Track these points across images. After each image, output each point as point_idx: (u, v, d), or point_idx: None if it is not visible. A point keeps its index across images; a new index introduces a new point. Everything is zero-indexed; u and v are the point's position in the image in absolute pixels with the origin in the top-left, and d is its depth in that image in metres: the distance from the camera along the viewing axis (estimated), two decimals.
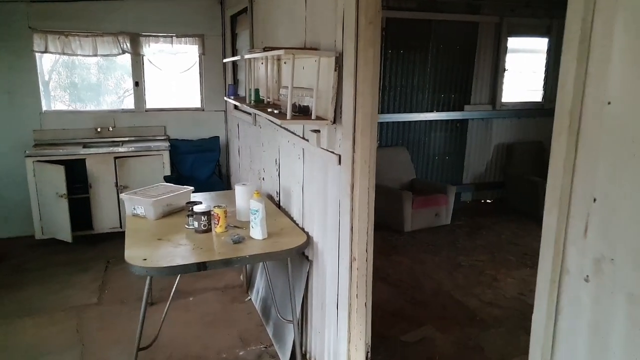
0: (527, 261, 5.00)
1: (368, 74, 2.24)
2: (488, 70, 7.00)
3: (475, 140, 7.16)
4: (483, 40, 6.86)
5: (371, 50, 2.23)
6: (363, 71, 2.23)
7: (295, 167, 3.22)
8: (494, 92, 7.07)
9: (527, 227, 6.14)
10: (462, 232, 5.95)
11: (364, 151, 2.32)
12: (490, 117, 7.14)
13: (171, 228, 3.08)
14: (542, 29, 7.15)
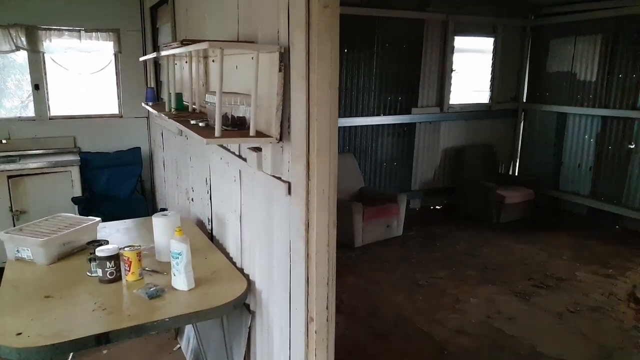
0: (488, 275, 4.63)
1: (325, 74, 1.65)
2: (435, 71, 6.66)
3: (423, 145, 6.80)
4: (430, 39, 6.50)
5: (328, 43, 1.64)
6: (318, 71, 1.64)
7: (231, 192, 2.57)
8: (441, 94, 6.74)
9: (482, 235, 5.82)
10: (415, 244, 5.53)
11: (322, 178, 1.73)
12: (438, 120, 6.81)
13: (68, 277, 2.34)
14: (488, 28, 6.91)
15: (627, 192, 5.87)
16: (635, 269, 4.71)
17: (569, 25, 6.49)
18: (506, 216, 6.27)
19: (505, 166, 7.55)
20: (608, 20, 5.97)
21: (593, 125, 6.25)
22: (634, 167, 5.78)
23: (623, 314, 3.83)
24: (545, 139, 6.96)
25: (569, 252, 5.20)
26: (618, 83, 5.90)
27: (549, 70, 6.85)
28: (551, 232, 5.91)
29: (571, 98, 6.53)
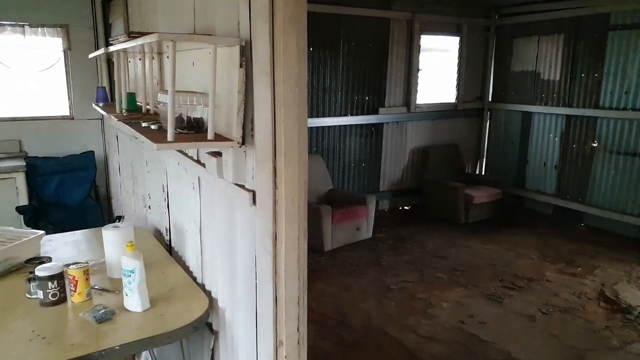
0: (458, 278, 4.56)
1: (291, 70, 1.48)
2: (402, 71, 6.58)
3: (391, 145, 6.71)
4: (396, 38, 6.42)
5: (294, 34, 1.47)
6: (284, 66, 1.46)
7: (190, 200, 2.36)
8: (408, 94, 6.67)
9: (449, 235, 5.77)
10: (385, 247, 5.42)
11: (291, 186, 1.56)
12: (405, 120, 6.74)
13: (3, 301, 2.07)
14: (453, 28, 6.89)
15: (591, 190, 5.94)
16: (602, 267, 4.74)
17: (531, 24, 6.54)
18: (474, 216, 6.25)
19: (471, 165, 7.56)
20: (569, 20, 6.04)
21: (557, 124, 6.31)
22: (598, 165, 5.86)
23: (594, 313, 3.82)
24: (511, 138, 7.00)
25: (537, 252, 5.21)
26: (580, 82, 5.97)
27: (514, 70, 6.89)
28: (518, 231, 5.92)
29: (536, 97, 6.58)
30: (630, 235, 5.56)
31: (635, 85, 5.37)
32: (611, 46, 5.59)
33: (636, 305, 3.89)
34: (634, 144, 5.44)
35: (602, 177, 5.82)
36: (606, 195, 5.78)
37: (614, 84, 5.59)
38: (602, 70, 5.70)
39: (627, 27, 5.42)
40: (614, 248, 5.26)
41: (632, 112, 5.42)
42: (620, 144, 5.58)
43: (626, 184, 5.55)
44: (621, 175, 5.60)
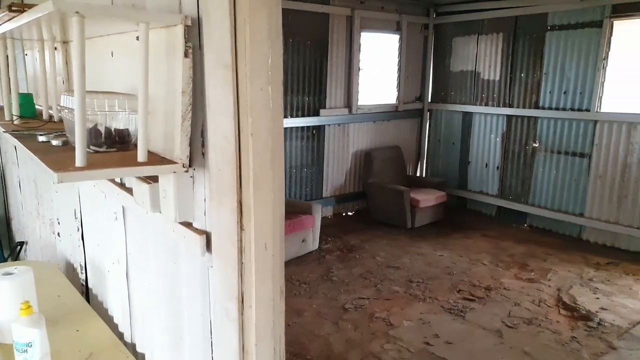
0: (415, 291, 4.27)
1: (262, 61, 1.02)
2: (342, 70, 6.24)
3: (333, 148, 6.35)
4: (336, 35, 6.06)
5: (265, 9, 1.01)
6: (252, 57, 1.00)
7: (112, 233, 1.80)
8: (349, 94, 6.34)
9: (399, 242, 5.51)
10: (333, 259, 5.04)
11: (264, 226, 1.09)
12: (347, 122, 6.41)
13: None
14: (393, 25, 6.66)
15: (534, 190, 5.94)
16: (554, 269, 4.67)
17: (470, 23, 6.46)
18: (420, 220, 6.05)
19: (412, 167, 7.40)
20: (507, 20, 6.00)
21: (498, 125, 6.27)
22: (539, 165, 5.86)
23: (557, 323, 3.67)
24: (452, 139, 6.91)
25: (488, 257, 5.06)
26: (520, 82, 5.96)
27: (453, 69, 6.79)
28: (465, 235, 5.79)
29: (476, 97, 6.51)
30: (573, 234, 5.60)
31: (574, 85, 5.40)
32: (549, 46, 5.60)
33: (595, 311, 3.79)
34: (573, 143, 5.48)
35: (543, 177, 5.83)
36: (548, 195, 5.79)
37: (553, 84, 5.61)
38: (542, 70, 5.70)
39: (564, 27, 5.44)
40: (560, 249, 5.25)
41: (571, 112, 5.45)
42: (561, 143, 5.60)
43: (567, 184, 5.59)
44: (562, 175, 5.63)
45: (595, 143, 5.25)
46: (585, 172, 5.39)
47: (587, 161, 5.36)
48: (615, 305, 3.89)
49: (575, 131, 5.43)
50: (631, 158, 4.97)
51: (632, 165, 4.97)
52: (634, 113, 4.91)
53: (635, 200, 4.99)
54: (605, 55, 5.06)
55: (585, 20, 5.21)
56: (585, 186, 5.39)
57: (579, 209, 5.48)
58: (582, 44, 5.26)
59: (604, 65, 5.08)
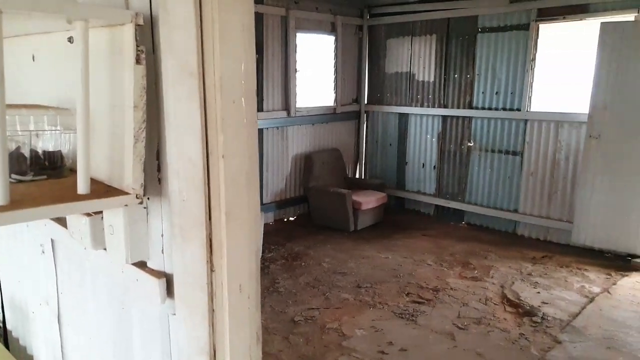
0: (364, 297, 4.19)
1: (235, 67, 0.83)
2: (279, 71, 6.06)
3: (272, 153, 6.16)
4: (270, 35, 5.88)
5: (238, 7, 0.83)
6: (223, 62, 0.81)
7: (38, 269, 1.52)
8: (287, 97, 6.18)
9: (344, 246, 5.43)
10: (278, 268, 4.86)
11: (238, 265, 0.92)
12: (286, 125, 6.24)
13: None
14: (328, 26, 6.58)
15: (470, 189, 6.11)
16: (495, 266, 4.80)
17: (404, 25, 6.53)
18: (363, 222, 6.02)
19: (352, 169, 7.38)
20: (440, 22, 6.13)
21: (434, 125, 6.38)
22: (474, 164, 6.03)
23: (505, 320, 3.74)
24: (389, 140, 6.95)
25: (431, 256, 5.12)
26: (454, 83, 6.10)
27: (388, 71, 6.84)
28: (407, 235, 5.83)
29: (411, 98, 6.59)
30: (509, 230, 5.82)
31: (505, 85, 5.61)
32: (481, 48, 5.77)
33: (537, 306, 3.91)
34: (506, 142, 5.69)
35: (479, 176, 6.01)
36: (484, 193, 5.98)
37: (485, 84, 5.79)
38: (474, 71, 5.87)
39: (494, 29, 5.63)
40: (498, 245, 5.42)
41: (503, 111, 5.66)
42: (495, 142, 5.80)
43: (501, 181, 5.80)
44: (497, 173, 5.83)
45: (527, 141, 5.48)
46: (518, 169, 5.62)
47: (520, 159, 5.59)
48: (554, 298, 4.05)
49: (508, 130, 5.64)
50: (559, 155, 5.24)
51: (560, 162, 5.24)
52: (560, 112, 5.18)
53: (564, 196, 5.26)
54: (533, 57, 5.29)
55: (513, 23, 5.42)
56: (519, 183, 5.62)
57: (514, 206, 5.71)
58: (511, 46, 5.47)
59: (532, 67, 5.31)
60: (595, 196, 4.81)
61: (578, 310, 3.80)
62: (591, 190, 4.82)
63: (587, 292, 4.14)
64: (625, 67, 4.51)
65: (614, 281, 4.35)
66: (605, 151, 4.71)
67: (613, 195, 4.72)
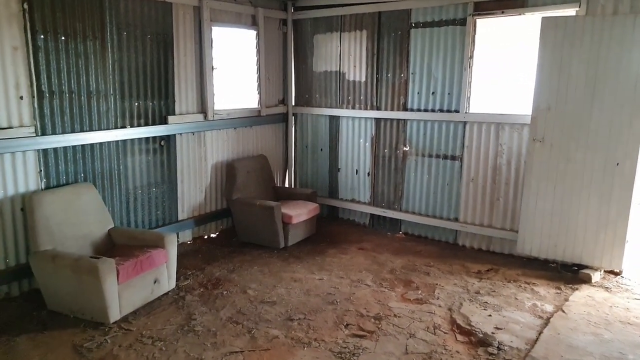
0: (297, 332, 3.58)
1: None
2: (193, 69, 5.30)
3: (188, 161, 5.39)
4: (182, 28, 5.12)
5: None
6: None
7: None
8: (203, 98, 5.43)
9: (272, 268, 4.80)
10: (195, 300, 4.13)
11: None
12: (203, 130, 5.49)
13: None
14: (248, 19, 5.89)
15: (407, 196, 5.69)
16: (439, 284, 4.37)
17: (331, 19, 6.00)
18: (294, 237, 5.42)
19: (280, 177, 6.75)
20: (370, 16, 5.65)
21: (367, 129, 5.90)
22: (411, 170, 5.62)
23: (458, 354, 3.28)
24: (320, 145, 6.40)
25: (370, 275, 4.61)
26: (387, 83, 5.65)
27: (316, 70, 6.28)
28: (341, 250, 5.30)
29: (342, 100, 6.08)
30: (449, 240, 5.46)
31: (442, 85, 5.23)
32: (415, 45, 5.36)
33: (491, 333, 3.50)
34: (444, 146, 5.32)
35: (416, 182, 5.60)
36: (422, 200, 5.58)
37: (420, 84, 5.38)
38: (408, 70, 5.45)
39: (428, 24, 5.23)
40: (439, 257, 5.03)
41: (440, 113, 5.27)
42: (432, 146, 5.41)
43: (440, 188, 5.42)
44: (434, 179, 5.45)
45: (466, 145, 5.13)
46: (457, 175, 5.26)
47: (459, 164, 5.23)
48: (507, 321, 3.65)
49: (446, 133, 5.27)
50: (501, 159, 4.93)
51: (502, 167, 4.93)
52: (500, 114, 4.86)
53: (507, 203, 4.96)
54: (470, 55, 4.94)
55: (448, 18, 5.04)
56: (459, 190, 5.26)
57: (454, 214, 5.34)
58: (447, 43, 5.10)
59: (470, 65, 4.96)
60: (540, 203, 4.53)
61: (535, 336, 3.42)
62: (535, 196, 4.54)
63: (540, 312, 3.80)
64: (569, 65, 4.25)
65: (566, 296, 4.06)
66: (549, 155, 4.43)
67: (558, 202, 4.45)
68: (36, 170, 4.09)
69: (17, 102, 3.91)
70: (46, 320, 3.73)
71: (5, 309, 3.90)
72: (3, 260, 4.00)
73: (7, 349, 3.33)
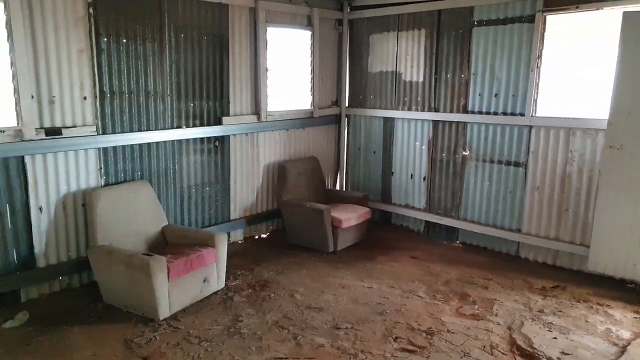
0: (343, 342, 3.44)
1: None
2: (247, 71, 5.31)
3: (241, 162, 5.41)
4: (237, 29, 5.14)
5: None
6: None
7: None
8: (256, 99, 5.42)
9: (320, 272, 4.69)
10: (243, 301, 4.09)
11: None
12: (256, 131, 5.48)
13: None
14: (303, 19, 5.83)
15: (465, 204, 5.40)
16: (498, 300, 4.09)
17: (388, 19, 5.82)
18: (343, 241, 5.29)
19: (332, 180, 6.64)
20: (429, 14, 5.42)
21: (424, 131, 5.67)
22: (470, 175, 5.33)
23: None
24: (373, 147, 6.23)
25: (422, 286, 4.39)
26: (447, 84, 5.39)
27: (371, 70, 6.12)
28: (393, 257, 5.10)
29: (398, 101, 5.88)
30: (510, 252, 5.12)
31: (505, 87, 4.91)
32: (477, 44, 5.07)
33: (557, 358, 3.20)
34: (507, 151, 4.99)
35: (475, 189, 5.30)
36: (481, 208, 5.27)
37: (482, 85, 5.09)
38: (469, 71, 5.17)
39: (492, 22, 4.93)
40: (499, 270, 4.72)
41: (503, 116, 4.95)
42: (494, 151, 5.09)
43: (502, 196, 5.09)
44: (496, 186, 5.13)
45: (532, 151, 4.78)
46: (521, 183, 4.92)
47: (523, 171, 4.89)
48: (576, 346, 3.33)
49: (509, 138, 4.94)
50: (571, 167, 4.55)
51: (572, 175, 4.55)
52: (571, 118, 4.48)
53: (577, 214, 4.57)
54: (539, 54, 4.60)
55: (515, 15, 4.73)
56: (522, 199, 4.92)
57: (516, 224, 5.00)
58: (512, 41, 4.78)
59: (538, 65, 4.62)
60: (616, 216, 4.11)
61: None
62: (612, 209, 4.13)
63: (615, 338, 3.43)
64: None
65: None
66: (629, 164, 4.01)
67: (638, 216, 4.02)
68: (97, 167, 4.22)
69: (81, 103, 4.05)
70: (101, 312, 3.83)
71: (66, 299, 4.05)
72: (65, 252, 4.15)
73: (64, 338, 3.44)
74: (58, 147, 3.92)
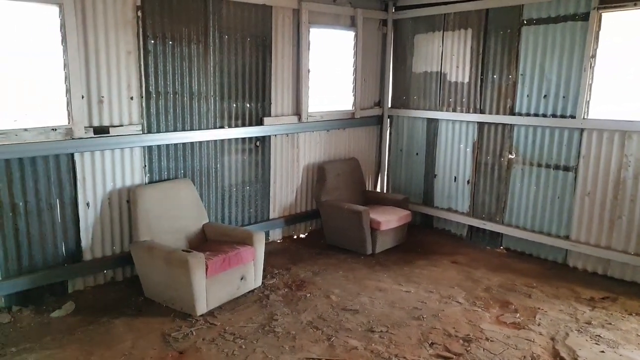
0: (378, 346, 3.39)
1: None
2: (289, 72, 5.34)
3: (281, 162, 5.45)
4: (280, 31, 5.18)
5: None
6: None
7: None
8: (298, 100, 5.45)
9: (357, 274, 4.65)
10: (278, 300, 4.12)
11: None
12: (296, 132, 5.51)
13: None
14: (347, 20, 5.82)
15: (510, 208, 5.21)
16: (542, 309, 3.91)
17: (434, 18, 5.70)
18: (382, 244, 5.22)
19: (372, 182, 6.58)
20: (476, 14, 5.27)
21: (468, 133, 5.51)
22: (516, 179, 5.13)
23: None
24: (415, 149, 6.12)
25: (462, 292, 4.26)
26: (493, 84, 5.22)
27: (416, 71, 6.01)
28: (432, 262, 4.98)
29: (442, 102, 5.75)
30: (557, 260, 4.89)
31: (555, 88, 4.70)
32: (526, 43, 4.88)
33: None
34: (556, 155, 4.77)
35: (521, 193, 5.10)
36: (527, 214, 5.06)
37: (530, 86, 4.89)
38: (517, 71, 4.98)
39: (542, 21, 4.73)
40: (544, 278, 4.52)
41: (552, 118, 4.74)
42: (541, 155, 4.88)
43: (549, 201, 4.87)
44: (543, 191, 4.92)
45: (582, 155, 4.55)
46: (570, 188, 4.69)
47: (573, 176, 4.65)
48: None
49: (559, 141, 4.72)
50: (625, 173, 4.29)
51: (627, 181, 4.29)
52: (627, 120, 4.22)
53: (631, 222, 4.31)
54: (593, 53, 4.37)
55: (568, 13, 4.51)
56: (571, 205, 4.68)
57: (564, 231, 4.77)
58: (564, 40, 4.56)
59: (591, 65, 4.39)
60: None
61: None
62: None
63: None
64: None
65: None
66: None
67: None
68: (141, 165, 4.37)
69: (128, 102, 4.21)
70: (142, 306, 3.95)
71: (109, 292, 4.21)
72: (110, 247, 4.33)
73: (106, 329, 3.58)
74: (105, 145, 4.09)
